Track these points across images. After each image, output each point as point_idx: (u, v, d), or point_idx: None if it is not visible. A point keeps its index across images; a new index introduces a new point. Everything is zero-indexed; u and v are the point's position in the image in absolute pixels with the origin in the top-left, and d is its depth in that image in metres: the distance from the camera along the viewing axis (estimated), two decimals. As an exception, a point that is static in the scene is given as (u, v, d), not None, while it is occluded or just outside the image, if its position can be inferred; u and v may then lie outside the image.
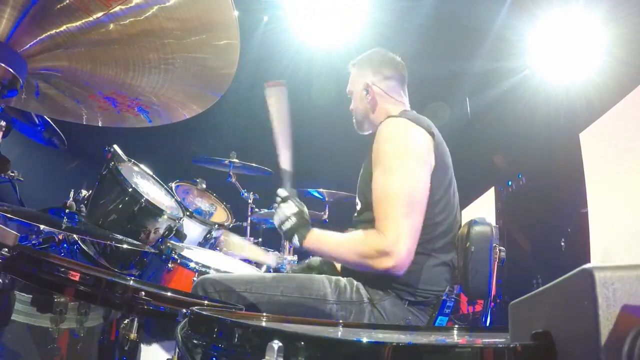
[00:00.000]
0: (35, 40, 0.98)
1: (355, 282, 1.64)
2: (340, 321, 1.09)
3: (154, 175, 3.00)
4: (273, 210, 1.73)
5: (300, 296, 1.59)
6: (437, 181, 1.63)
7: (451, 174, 1.75)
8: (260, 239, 3.98)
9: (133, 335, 1.03)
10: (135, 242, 2.42)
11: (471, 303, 4.82)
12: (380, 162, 1.59)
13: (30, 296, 1.03)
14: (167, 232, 2.72)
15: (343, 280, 1.66)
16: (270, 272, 2.94)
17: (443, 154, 1.71)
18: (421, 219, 1.54)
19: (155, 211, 2.63)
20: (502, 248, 1.80)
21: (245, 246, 2.09)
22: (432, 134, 1.67)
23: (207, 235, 3.22)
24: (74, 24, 0.96)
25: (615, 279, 0.46)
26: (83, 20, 0.96)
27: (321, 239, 1.63)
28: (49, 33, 0.98)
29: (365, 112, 1.91)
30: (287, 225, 1.64)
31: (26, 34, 0.97)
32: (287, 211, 1.66)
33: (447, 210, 1.69)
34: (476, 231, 1.71)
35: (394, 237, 1.47)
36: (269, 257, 2.15)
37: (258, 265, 2.93)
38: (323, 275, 1.70)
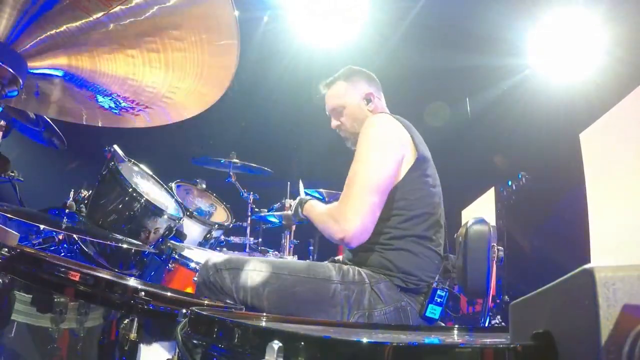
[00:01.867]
0: (35, 40, 0.98)
1: (357, 268, 1.74)
2: (340, 321, 1.09)
3: (154, 175, 3.00)
4: (273, 210, 1.86)
5: (306, 275, 1.68)
6: (417, 172, 1.77)
7: (432, 174, 1.86)
8: (260, 239, 3.98)
9: (133, 335, 1.03)
10: (135, 242, 2.42)
11: (471, 303, 4.82)
12: (356, 150, 1.77)
13: (30, 296, 1.03)
14: (167, 232, 2.72)
15: (346, 265, 1.77)
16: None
17: (424, 149, 1.85)
18: (378, 200, 1.67)
19: (155, 211, 2.63)
20: (500, 247, 1.81)
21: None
22: (409, 132, 1.81)
23: (207, 235, 3.22)
24: (74, 24, 0.96)
25: (615, 279, 0.46)
26: (83, 20, 0.96)
27: (311, 208, 1.92)
28: (49, 33, 0.98)
29: (363, 121, 1.90)
30: (293, 207, 1.99)
31: (26, 34, 0.97)
32: (296, 200, 2.02)
33: (429, 200, 1.80)
34: (474, 230, 1.72)
35: (345, 211, 1.65)
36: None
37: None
38: (327, 262, 1.84)
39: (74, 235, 2.22)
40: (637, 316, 0.44)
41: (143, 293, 1.05)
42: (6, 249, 1.00)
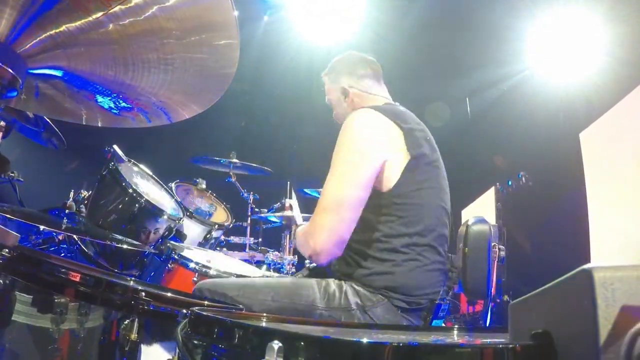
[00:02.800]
0: (35, 40, 0.98)
1: (344, 287, 1.61)
2: (340, 321, 1.09)
3: (154, 175, 3.00)
4: (272, 211, 1.81)
5: (290, 302, 1.61)
6: (412, 173, 1.60)
7: (437, 166, 1.71)
8: (260, 239, 3.98)
9: (133, 336, 1.03)
10: (135, 242, 2.42)
11: (471, 303, 4.81)
12: (332, 156, 1.64)
13: (31, 297, 1.03)
14: (167, 232, 2.72)
15: (333, 285, 1.63)
16: (269, 267, 2.95)
17: (421, 144, 1.66)
18: (347, 216, 1.56)
19: (155, 211, 2.63)
20: (501, 247, 1.80)
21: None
22: (400, 127, 1.63)
23: (207, 235, 3.22)
24: (74, 24, 0.96)
25: (614, 279, 0.46)
26: (83, 20, 0.96)
27: (299, 229, 1.82)
28: (49, 33, 0.98)
29: (346, 115, 1.76)
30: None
31: (26, 34, 0.97)
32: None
33: (434, 204, 1.65)
34: (474, 230, 1.71)
35: (313, 229, 1.58)
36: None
37: (258, 266, 2.93)
38: (314, 280, 1.68)
39: (74, 236, 2.22)
40: (635, 316, 0.45)
41: (143, 293, 1.05)
42: (6, 250, 1.00)
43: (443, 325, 1.77)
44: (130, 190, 2.55)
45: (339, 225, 1.55)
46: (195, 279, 2.32)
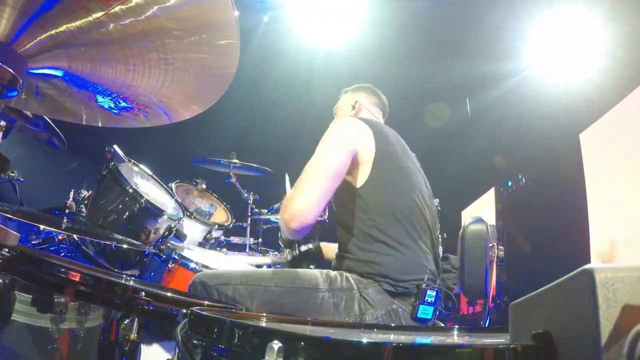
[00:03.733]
0: (35, 40, 0.98)
1: (344, 274, 1.73)
2: (340, 321, 1.09)
3: (154, 175, 3.00)
4: (272, 211, 1.84)
5: (293, 286, 1.67)
6: (381, 169, 1.77)
7: (404, 163, 1.85)
8: (260, 239, 3.98)
9: (133, 336, 1.03)
10: (135, 242, 2.42)
11: (471, 303, 4.82)
12: None
13: (31, 296, 1.03)
14: (167, 232, 2.72)
15: (333, 272, 1.75)
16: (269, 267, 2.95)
17: (387, 142, 1.84)
18: (324, 185, 1.69)
19: (155, 211, 2.63)
20: (500, 247, 1.80)
21: None
22: (372, 129, 1.82)
23: (207, 235, 3.22)
24: (74, 24, 0.96)
25: (615, 280, 0.46)
26: (83, 20, 0.96)
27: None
28: (49, 33, 0.98)
29: None
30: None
31: (26, 34, 0.97)
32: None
33: (402, 196, 1.79)
34: (470, 230, 1.72)
35: (292, 196, 1.71)
36: None
37: (258, 265, 2.93)
38: (315, 269, 1.82)
39: (74, 236, 2.22)
40: (636, 316, 0.44)
41: (143, 293, 1.05)
42: (6, 249, 1.00)
43: (441, 323, 1.78)
44: (131, 190, 2.54)
45: (317, 193, 1.68)
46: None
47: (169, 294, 1.24)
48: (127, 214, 2.55)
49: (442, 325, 1.81)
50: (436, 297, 1.70)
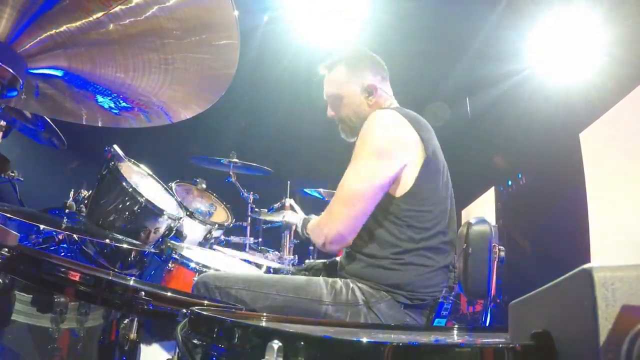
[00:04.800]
0: (35, 40, 0.98)
1: (351, 285, 1.65)
2: (340, 321, 1.09)
3: (154, 175, 3.00)
4: (272, 211, 1.83)
5: (295, 296, 1.62)
6: (426, 180, 1.65)
7: (442, 173, 1.75)
8: (260, 239, 3.98)
9: (133, 335, 1.03)
10: (135, 242, 2.42)
11: (471, 303, 4.82)
12: (353, 154, 1.70)
13: (31, 296, 1.03)
14: (167, 232, 2.72)
15: (340, 282, 1.68)
16: (270, 272, 2.95)
17: (434, 151, 1.71)
18: (361, 208, 1.62)
19: (155, 211, 2.63)
20: (501, 247, 1.80)
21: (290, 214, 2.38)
22: (418, 133, 1.67)
23: (207, 235, 3.22)
24: (74, 24, 0.96)
25: (614, 279, 0.46)
26: (83, 20, 0.96)
27: (309, 221, 1.90)
28: (49, 33, 0.98)
29: (364, 115, 1.75)
30: (299, 227, 1.98)
31: (26, 34, 0.97)
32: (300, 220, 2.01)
33: (436, 209, 1.68)
34: (475, 231, 1.71)
35: (327, 218, 1.68)
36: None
37: (258, 265, 2.93)
38: (321, 277, 1.73)
39: (74, 235, 2.22)
40: (635, 316, 0.44)
41: (143, 293, 1.05)
42: (6, 249, 1.00)
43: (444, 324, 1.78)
44: (130, 190, 2.54)
45: (353, 217, 1.63)
46: (195, 278, 2.32)
47: (169, 294, 1.24)
48: (127, 213, 2.55)
49: (444, 323, 1.81)
50: (450, 309, 1.68)
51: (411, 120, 1.68)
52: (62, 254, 2.24)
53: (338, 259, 1.94)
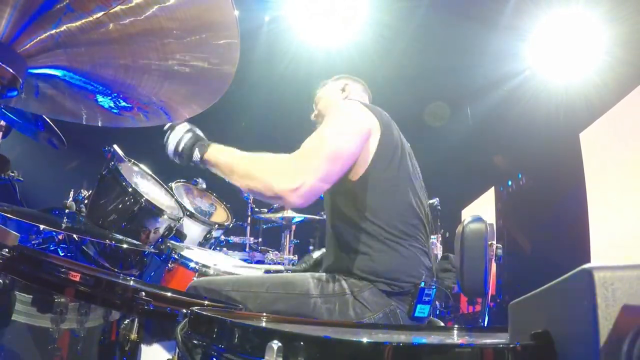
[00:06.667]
0: (35, 40, 0.98)
1: (337, 276, 1.68)
2: (340, 321, 1.09)
3: (154, 175, 3.00)
4: (272, 211, 1.81)
5: (284, 292, 1.64)
6: (383, 160, 1.67)
7: (404, 158, 1.77)
8: (260, 239, 3.98)
9: (133, 336, 1.03)
10: (135, 242, 2.42)
11: (471, 303, 4.82)
12: (323, 121, 1.70)
13: (31, 296, 1.03)
14: (167, 232, 2.72)
15: (325, 275, 1.71)
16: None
17: (390, 135, 1.74)
18: (334, 170, 1.56)
19: (155, 211, 2.63)
20: (498, 245, 1.80)
21: None
22: (377, 116, 1.71)
23: (207, 235, 3.22)
24: (74, 24, 0.96)
25: (614, 279, 0.46)
26: (83, 20, 0.96)
27: (224, 150, 1.67)
28: (49, 33, 0.98)
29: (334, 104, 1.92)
30: (185, 141, 1.68)
31: (26, 34, 0.97)
32: (179, 132, 1.70)
33: (402, 193, 1.71)
34: (470, 229, 1.71)
35: (298, 166, 1.52)
36: None
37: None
38: (308, 273, 1.77)
39: (74, 235, 2.22)
40: (635, 316, 0.44)
41: (143, 293, 1.05)
42: (6, 249, 1.00)
43: (441, 323, 1.78)
44: (130, 190, 2.54)
45: (332, 174, 1.56)
46: (195, 278, 2.32)
47: (169, 294, 1.24)
48: (127, 213, 2.55)
49: (442, 324, 1.81)
50: (432, 295, 1.68)
51: (374, 111, 1.74)
52: (62, 254, 2.24)
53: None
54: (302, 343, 0.59)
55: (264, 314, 1.03)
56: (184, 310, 0.93)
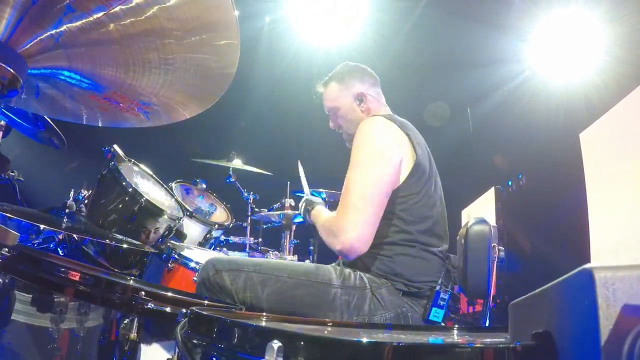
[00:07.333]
0: (35, 40, 0.98)
1: (358, 272, 1.73)
2: (340, 321, 1.09)
3: (154, 175, 3.00)
4: (273, 210, 1.83)
5: (306, 279, 1.67)
6: (416, 176, 1.73)
7: (430, 171, 1.82)
8: (260, 239, 3.98)
9: (133, 335, 1.03)
10: (135, 242, 2.42)
11: (471, 303, 4.82)
12: (351, 157, 1.73)
13: (31, 296, 1.03)
14: (167, 232, 2.72)
15: (347, 269, 1.75)
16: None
17: (422, 150, 1.81)
18: (375, 210, 1.64)
19: (155, 211, 2.63)
20: (501, 247, 1.81)
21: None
22: (407, 134, 1.76)
23: (207, 235, 3.22)
24: (74, 24, 0.96)
25: (615, 279, 0.46)
26: (83, 20, 0.96)
27: (317, 213, 1.88)
28: (49, 33, 0.98)
29: (358, 121, 1.86)
30: (302, 207, 2.00)
31: (26, 34, 0.97)
32: (301, 204, 2.03)
33: (427, 202, 1.76)
34: (474, 231, 1.71)
35: (343, 224, 1.63)
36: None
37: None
38: (329, 265, 1.81)
39: (74, 235, 2.22)
40: (636, 316, 0.44)
41: (143, 293, 1.05)
42: (6, 249, 1.00)
43: (442, 319, 1.79)
44: (131, 190, 2.55)
45: (370, 221, 1.64)
46: (195, 278, 2.32)
47: (169, 294, 1.24)
48: (127, 213, 2.55)
49: (442, 324, 1.81)
50: (448, 300, 1.71)
51: (399, 124, 1.77)
52: (62, 254, 2.24)
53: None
54: (302, 343, 0.59)
55: (264, 314, 1.03)
56: (184, 310, 0.93)
